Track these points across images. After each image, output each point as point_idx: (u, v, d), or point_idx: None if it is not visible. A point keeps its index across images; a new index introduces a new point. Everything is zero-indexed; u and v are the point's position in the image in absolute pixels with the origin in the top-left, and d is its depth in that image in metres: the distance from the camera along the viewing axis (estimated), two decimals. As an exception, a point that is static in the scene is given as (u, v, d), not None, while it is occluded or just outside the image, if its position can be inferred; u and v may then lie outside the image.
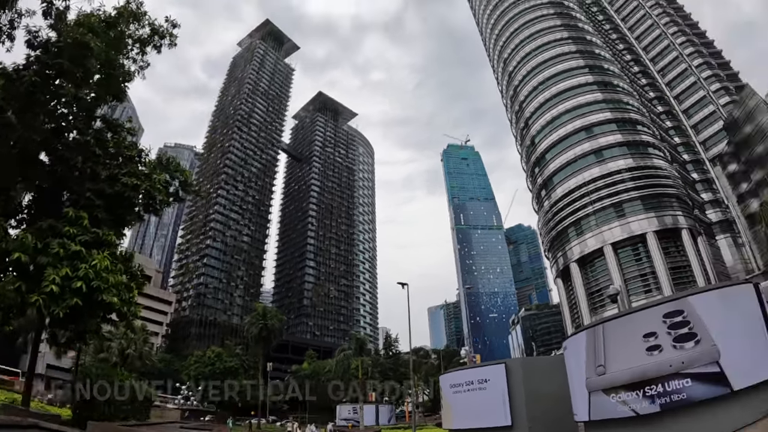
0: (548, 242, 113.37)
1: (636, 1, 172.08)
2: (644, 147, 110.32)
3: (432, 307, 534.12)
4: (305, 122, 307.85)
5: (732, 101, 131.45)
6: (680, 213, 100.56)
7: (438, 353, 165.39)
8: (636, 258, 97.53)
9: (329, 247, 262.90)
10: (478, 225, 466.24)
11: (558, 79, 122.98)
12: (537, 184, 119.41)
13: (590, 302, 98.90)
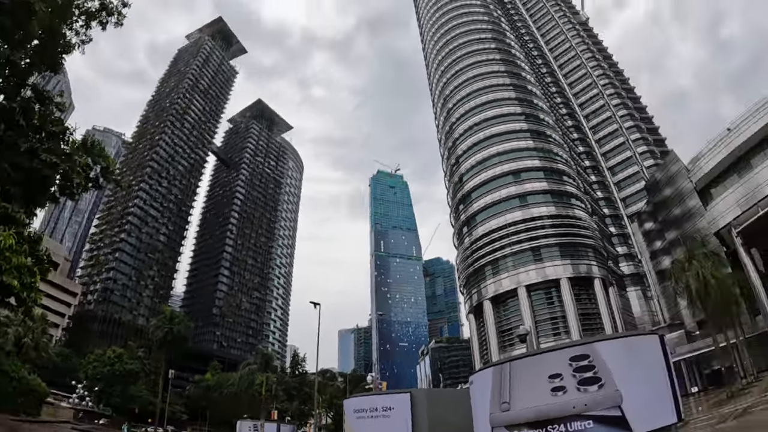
0: (465, 278, 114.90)
1: (579, 60, 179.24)
2: (568, 197, 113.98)
3: (343, 330, 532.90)
4: (240, 127, 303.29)
5: (656, 164, 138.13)
6: (595, 263, 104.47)
7: (345, 377, 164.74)
8: (548, 301, 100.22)
9: (246, 257, 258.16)
10: (397, 254, 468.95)
11: (494, 122, 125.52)
12: (460, 220, 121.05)
13: (500, 340, 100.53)
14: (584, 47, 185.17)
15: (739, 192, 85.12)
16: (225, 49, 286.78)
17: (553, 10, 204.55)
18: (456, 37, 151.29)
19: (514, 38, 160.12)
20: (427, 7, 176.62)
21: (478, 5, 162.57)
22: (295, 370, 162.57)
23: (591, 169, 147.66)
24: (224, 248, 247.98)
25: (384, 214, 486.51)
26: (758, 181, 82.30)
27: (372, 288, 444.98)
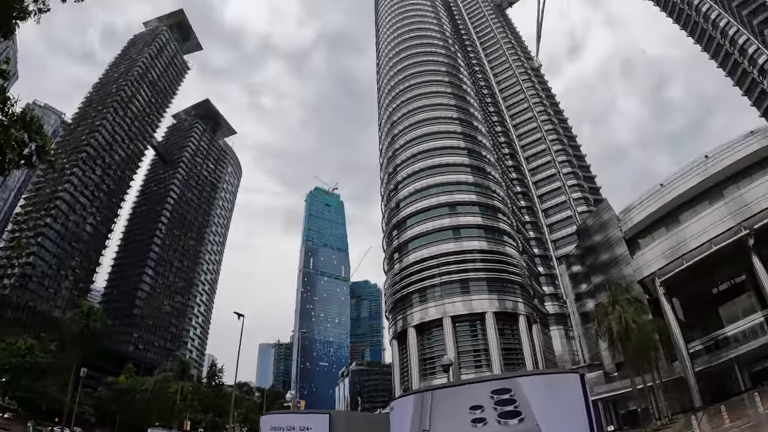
0: (391, 303, 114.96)
1: (527, 103, 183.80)
2: (500, 234, 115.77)
3: (264, 344, 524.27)
4: (183, 125, 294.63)
5: (589, 211, 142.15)
6: (521, 300, 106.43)
7: (262, 392, 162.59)
8: (472, 334, 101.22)
9: (173, 258, 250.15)
10: (326, 272, 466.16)
11: (437, 153, 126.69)
12: (392, 246, 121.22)
13: (422, 368, 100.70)
14: (533, 92, 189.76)
15: (666, 244, 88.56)
16: (181, 42, 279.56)
17: (508, 53, 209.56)
18: (411, 66, 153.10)
19: (467, 75, 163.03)
20: (387, 31, 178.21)
21: (438, 38, 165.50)
22: (211, 381, 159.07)
23: (526, 209, 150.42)
24: (151, 247, 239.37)
25: (317, 231, 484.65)
26: (685, 235, 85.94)
27: (297, 304, 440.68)
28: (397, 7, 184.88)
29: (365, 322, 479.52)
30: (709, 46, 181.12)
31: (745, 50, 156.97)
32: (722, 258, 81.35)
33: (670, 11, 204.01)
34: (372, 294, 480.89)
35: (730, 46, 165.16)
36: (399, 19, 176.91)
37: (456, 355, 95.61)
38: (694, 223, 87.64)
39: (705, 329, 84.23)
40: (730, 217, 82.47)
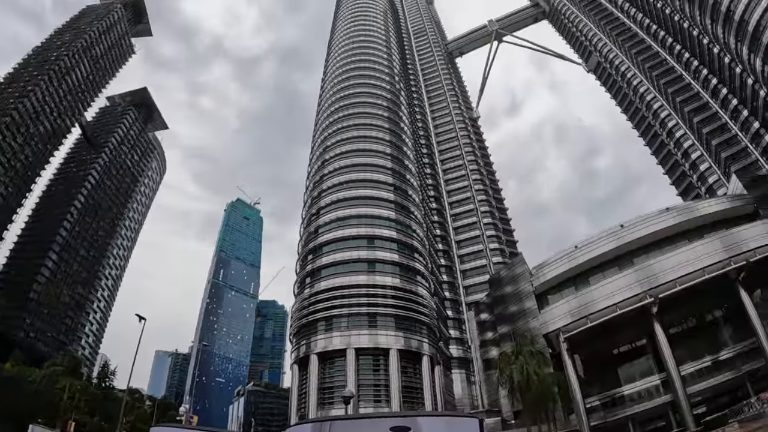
0: (297, 327, 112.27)
1: (459, 150, 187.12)
2: (414, 273, 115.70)
3: (161, 351, 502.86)
4: (116, 109, 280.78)
5: (503, 262, 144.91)
6: (427, 340, 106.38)
7: (154, 401, 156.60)
8: (375, 368, 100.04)
9: (79, 247, 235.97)
10: (234, 286, 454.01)
11: (364, 185, 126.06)
12: (306, 270, 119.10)
13: (320, 397, 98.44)
14: (467, 141, 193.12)
15: (574, 303, 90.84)
16: (132, 24, 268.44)
17: (450, 100, 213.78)
18: (354, 95, 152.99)
19: (407, 114, 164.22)
20: (338, 56, 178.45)
21: (386, 73, 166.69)
22: (102, 382, 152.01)
23: (443, 252, 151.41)
24: (59, 230, 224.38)
25: (231, 243, 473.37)
26: (593, 297, 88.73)
27: (201, 315, 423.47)
28: (352, 35, 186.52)
29: (268, 343, 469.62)
30: (640, 124, 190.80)
31: (672, 133, 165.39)
32: (626, 321, 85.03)
33: (610, 87, 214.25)
34: (278, 315, 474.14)
35: (659, 127, 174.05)
36: (351, 47, 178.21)
37: (356, 388, 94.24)
38: (602, 286, 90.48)
39: (603, 386, 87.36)
40: (638, 285, 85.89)
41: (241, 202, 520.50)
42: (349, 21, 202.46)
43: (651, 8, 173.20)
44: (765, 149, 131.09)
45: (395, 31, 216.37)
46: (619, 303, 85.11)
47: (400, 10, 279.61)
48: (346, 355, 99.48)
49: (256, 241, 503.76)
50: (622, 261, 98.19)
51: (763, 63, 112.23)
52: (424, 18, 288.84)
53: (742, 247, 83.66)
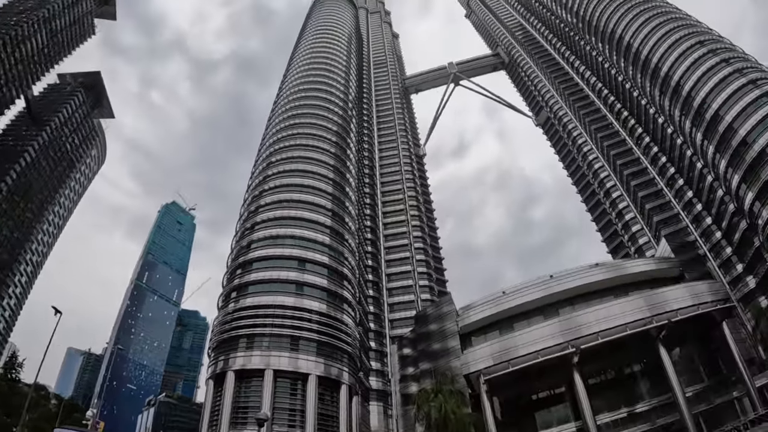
0: (216, 342, 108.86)
1: (400, 185, 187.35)
2: (341, 301, 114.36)
3: (73, 349, 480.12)
4: (65, 88, 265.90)
5: (431, 300, 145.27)
6: (347, 369, 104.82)
7: (61, 401, 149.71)
8: (292, 392, 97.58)
9: (3, 226, 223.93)
10: (158, 291, 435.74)
11: (302, 207, 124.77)
12: (233, 284, 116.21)
13: (234, 416, 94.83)
14: (410, 176, 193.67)
15: (497, 347, 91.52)
16: (98, 3, 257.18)
17: (399, 134, 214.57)
18: (305, 116, 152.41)
19: (354, 142, 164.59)
20: (296, 74, 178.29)
21: (340, 98, 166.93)
22: (8, 373, 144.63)
23: (373, 283, 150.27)
24: None
25: (161, 247, 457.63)
26: (516, 342, 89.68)
27: (119, 317, 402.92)
28: (314, 55, 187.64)
29: (185, 354, 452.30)
30: (580, 181, 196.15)
31: (609, 193, 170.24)
32: (547, 369, 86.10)
33: (555, 142, 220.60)
34: (199, 326, 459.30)
35: (598, 186, 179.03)
36: (311, 66, 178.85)
37: (271, 411, 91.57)
38: (526, 332, 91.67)
39: (520, 430, 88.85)
40: (561, 334, 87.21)
41: (177, 205, 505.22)
42: (313, 40, 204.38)
43: (604, 73, 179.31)
44: (696, 217, 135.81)
45: (357, 58, 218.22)
46: (541, 350, 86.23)
47: (365, 38, 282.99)
48: (264, 376, 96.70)
49: (186, 248, 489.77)
50: (548, 310, 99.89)
51: (704, 137, 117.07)
52: (386, 50, 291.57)
53: (665, 307, 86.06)
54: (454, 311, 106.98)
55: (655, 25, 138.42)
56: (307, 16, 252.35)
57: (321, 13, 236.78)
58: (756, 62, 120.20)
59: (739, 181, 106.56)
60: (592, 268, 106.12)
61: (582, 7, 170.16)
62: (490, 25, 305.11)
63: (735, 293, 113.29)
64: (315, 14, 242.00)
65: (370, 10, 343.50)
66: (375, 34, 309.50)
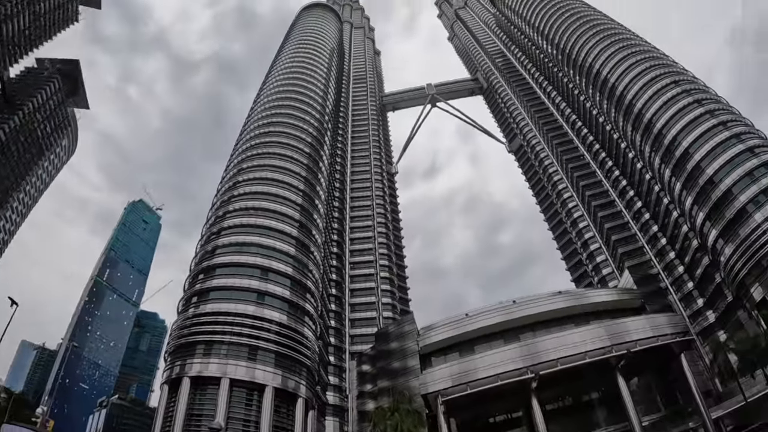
0: (174, 346, 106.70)
1: (370, 201, 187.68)
2: (303, 313, 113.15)
3: (27, 342, 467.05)
4: (42, 73, 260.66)
5: (393, 318, 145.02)
6: (304, 383, 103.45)
7: (10, 395, 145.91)
8: (248, 403, 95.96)
9: None
10: (118, 290, 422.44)
11: (271, 216, 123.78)
12: (194, 289, 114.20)
13: (187, 423, 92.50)
14: (380, 194, 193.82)
15: (456, 368, 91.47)
16: None
17: (373, 150, 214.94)
18: (281, 125, 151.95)
19: (328, 154, 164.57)
20: (275, 82, 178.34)
21: (318, 110, 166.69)
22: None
23: (335, 298, 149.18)
24: None
25: (124, 244, 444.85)
26: (476, 365, 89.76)
27: (77, 313, 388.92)
28: (295, 65, 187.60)
29: (142, 356, 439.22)
30: (548, 209, 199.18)
31: (576, 223, 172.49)
32: (505, 393, 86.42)
33: (527, 170, 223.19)
34: (157, 329, 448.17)
35: (565, 215, 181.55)
36: (291, 75, 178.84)
37: (226, 421, 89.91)
38: (487, 356, 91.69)
39: None
40: (521, 359, 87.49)
41: (144, 204, 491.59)
42: (295, 50, 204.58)
43: (579, 105, 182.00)
44: (659, 251, 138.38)
45: (337, 71, 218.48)
46: (500, 374, 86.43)
47: (347, 52, 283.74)
48: (221, 384, 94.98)
49: (150, 248, 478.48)
50: (509, 335, 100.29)
51: (672, 174, 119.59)
52: (367, 66, 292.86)
53: (625, 337, 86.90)
54: (415, 331, 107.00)
55: (632, 62, 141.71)
56: (292, 24, 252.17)
57: (306, 24, 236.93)
58: (727, 104, 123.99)
59: (704, 218, 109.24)
60: (554, 295, 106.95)
61: (562, 39, 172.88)
62: (471, 49, 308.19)
63: (694, 327, 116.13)
64: (300, 24, 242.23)
65: (355, 24, 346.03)
66: (357, 49, 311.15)
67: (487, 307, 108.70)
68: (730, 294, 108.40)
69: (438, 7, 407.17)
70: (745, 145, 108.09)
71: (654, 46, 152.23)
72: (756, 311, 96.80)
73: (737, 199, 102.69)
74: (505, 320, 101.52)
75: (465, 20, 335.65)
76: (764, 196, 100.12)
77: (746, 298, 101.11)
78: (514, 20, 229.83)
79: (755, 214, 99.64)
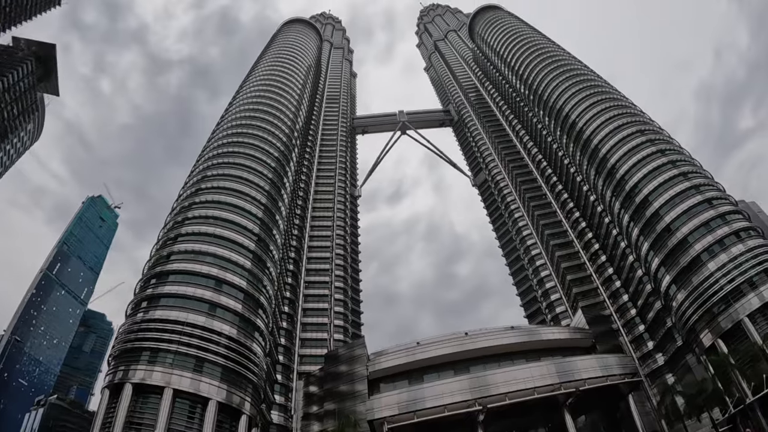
0: (119, 350, 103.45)
1: (331, 221, 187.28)
2: (254, 329, 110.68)
3: None
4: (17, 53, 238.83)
5: (344, 341, 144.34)
6: (249, 399, 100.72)
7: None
8: (190, 415, 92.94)
9: None
10: (67, 286, 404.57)
11: (230, 227, 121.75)
12: (145, 293, 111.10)
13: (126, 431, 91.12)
14: (341, 215, 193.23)
15: (404, 396, 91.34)
16: None
17: (339, 171, 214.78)
18: (250, 136, 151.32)
19: (293, 171, 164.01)
20: (250, 92, 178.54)
21: (288, 125, 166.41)
22: None
23: (287, 316, 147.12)
24: None
25: (78, 239, 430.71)
26: (424, 394, 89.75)
27: (22, 305, 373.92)
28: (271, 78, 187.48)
29: (85, 357, 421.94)
30: (507, 245, 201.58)
31: (534, 261, 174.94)
32: (452, 423, 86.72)
33: (489, 205, 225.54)
34: (104, 331, 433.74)
35: (523, 252, 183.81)
36: (265, 88, 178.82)
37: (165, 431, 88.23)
38: (436, 385, 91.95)
39: None
40: (469, 391, 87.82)
41: (103, 200, 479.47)
42: (273, 63, 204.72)
43: (546, 146, 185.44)
44: (613, 293, 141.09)
45: (312, 89, 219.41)
46: (448, 405, 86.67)
47: (324, 71, 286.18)
48: (164, 394, 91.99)
49: (104, 246, 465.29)
50: (460, 366, 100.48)
51: (630, 219, 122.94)
52: (342, 87, 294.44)
53: (574, 375, 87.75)
54: (365, 355, 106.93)
55: (600, 109, 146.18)
56: (273, 37, 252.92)
57: (287, 38, 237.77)
58: (689, 156, 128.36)
59: (659, 264, 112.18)
60: (507, 330, 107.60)
61: (536, 80, 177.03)
62: (446, 81, 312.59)
63: (644, 368, 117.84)
64: (280, 37, 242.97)
65: (335, 45, 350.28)
66: (334, 69, 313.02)
67: (439, 336, 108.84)
68: (680, 338, 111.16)
69: (418, 36, 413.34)
70: (704, 197, 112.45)
71: (623, 95, 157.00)
72: (705, 356, 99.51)
73: (692, 248, 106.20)
74: (456, 351, 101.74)
75: (443, 52, 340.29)
76: (719, 247, 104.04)
77: (696, 343, 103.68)
78: (491, 57, 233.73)
79: (709, 263, 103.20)
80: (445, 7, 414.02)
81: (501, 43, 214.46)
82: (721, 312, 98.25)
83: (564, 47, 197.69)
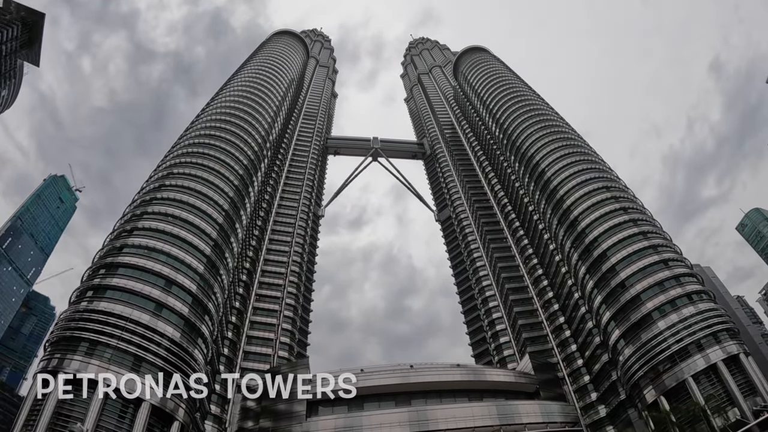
0: (57, 337, 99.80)
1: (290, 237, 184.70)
2: (197, 335, 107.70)
3: None
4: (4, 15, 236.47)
5: (288, 359, 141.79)
6: (184, 407, 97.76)
7: None
8: (121, 415, 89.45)
9: None
10: (14, 263, 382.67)
11: (189, 228, 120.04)
12: (92, 283, 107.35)
13: (53, 421, 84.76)
14: (302, 233, 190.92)
15: (342, 422, 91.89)
16: None
17: (305, 189, 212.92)
18: (223, 140, 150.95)
19: (260, 182, 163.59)
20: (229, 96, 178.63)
21: (262, 135, 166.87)
22: None
23: (234, 326, 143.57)
24: None
25: (33, 216, 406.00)
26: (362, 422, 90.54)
27: None
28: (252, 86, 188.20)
29: (22, 339, 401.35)
30: (462, 283, 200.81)
31: (487, 301, 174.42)
32: None
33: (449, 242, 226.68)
34: (45, 315, 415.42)
35: (478, 292, 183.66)
36: (245, 94, 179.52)
37: (94, 429, 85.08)
38: (374, 415, 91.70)
39: None
40: (408, 424, 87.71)
41: (65, 180, 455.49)
42: (256, 70, 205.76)
43: (513, 190, 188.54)
44: (562, 342, 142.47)
45: (291, 102, 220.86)
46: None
47: (306, 86, 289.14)
48: (97, 389, 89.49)
49: (59, 228, 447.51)
50: (401, 398, 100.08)
51: (587, 272, 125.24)
52: (321, 105, 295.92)
53: (515, 419, 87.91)
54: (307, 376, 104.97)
55: (570, 161, 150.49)
56: (261, 45, 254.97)
57: (274, 49, 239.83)
58: (651, 217, 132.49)
59: (609, 317, 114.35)
60: (453, 367, 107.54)
61: (512, 126, 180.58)
62: (424, 115, 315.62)
63: (585, 419, 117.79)
64: (268, 47, 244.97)
65: (321, 62, 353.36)
66: (316, 87, 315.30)
67: (384, 366, 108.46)
68: (624, 392, 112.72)
69: (404, 67, 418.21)
70: (660, 257, 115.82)
71: (594, 150, 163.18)
72: (646, 412, 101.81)
73: (644, 305, 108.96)
74: (399, 383, 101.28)
75: (426, 86, 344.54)
76: (670, 306, 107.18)
77: (639, 399, 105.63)
78: (471, 96, 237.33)
79: (659, 322, 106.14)
80: (434, 42, 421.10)
81: (483, 84, 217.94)
82: (666, 370, 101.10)
83: (543, 97, 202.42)
